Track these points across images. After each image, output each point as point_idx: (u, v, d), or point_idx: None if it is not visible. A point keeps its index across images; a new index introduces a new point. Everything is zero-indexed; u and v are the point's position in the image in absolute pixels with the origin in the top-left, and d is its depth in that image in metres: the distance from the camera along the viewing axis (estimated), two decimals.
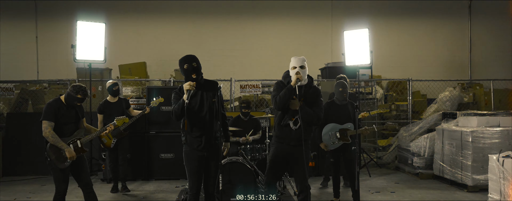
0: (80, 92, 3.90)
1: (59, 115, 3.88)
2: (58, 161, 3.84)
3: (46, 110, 3.87)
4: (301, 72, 3.65)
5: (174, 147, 6.64)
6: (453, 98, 7.90)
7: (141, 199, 5.50)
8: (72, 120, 3.99)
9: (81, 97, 3.92)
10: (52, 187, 6.02)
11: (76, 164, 3.95)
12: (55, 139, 3.81)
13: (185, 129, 3.56)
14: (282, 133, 3.77)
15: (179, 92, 3.61)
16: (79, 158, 3.97)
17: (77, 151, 3.91)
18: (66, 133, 3.92)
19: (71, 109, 3.99)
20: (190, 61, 3.54)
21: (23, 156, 7.08)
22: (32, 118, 7.31)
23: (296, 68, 3.67)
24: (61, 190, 3.94)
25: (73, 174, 4.01)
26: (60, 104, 3.93)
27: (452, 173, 6.03)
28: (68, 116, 3.95)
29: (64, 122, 3.92)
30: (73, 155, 3.83)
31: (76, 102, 3.94)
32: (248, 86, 7.79)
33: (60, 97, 4.00)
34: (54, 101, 3.96)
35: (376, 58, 10.44)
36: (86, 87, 4.03)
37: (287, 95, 3.61)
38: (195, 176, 3.58)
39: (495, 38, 11.74)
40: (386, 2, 11.60)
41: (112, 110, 5.65)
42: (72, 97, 3.90)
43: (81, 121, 4.11)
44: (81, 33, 6.52)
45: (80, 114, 4.09)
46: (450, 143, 6.12)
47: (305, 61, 3.71)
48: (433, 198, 5.41)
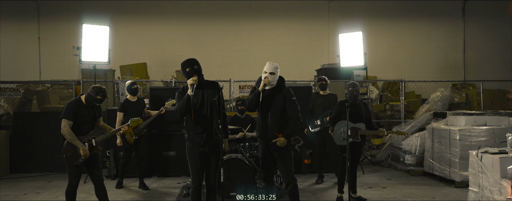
0: (100, 93, 4.24)
1: (78, 115, 4.19)
2: (73, 158, 4.17)
3: (66, 109, 4.19)
4: (270, 77, 4.07)
5: (176, 145, 7.00)
6: (444, 99, 8.27)
7: (144, 194, 5.84)
8: (90, 120, 4.32)
9: (101, 98, 4.26)
10: (59, 183, 6.44)
11: (90, 161, 4.28)
12: (72, 137, 4.13)
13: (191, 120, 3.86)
14: (261, 133, 4.22)
15: (182, 91, 3.95)
16: (93, 156, 4.30)
17: (91, 150, 4.24)
18: (83, 132, 4.24)
19: (90, 109, 4.31)
20: (191, 64, 3.89)
21: (29, 154, 7.42)
22: (38, 117, 7.66)
23: (266, 73, 4.10)
24: (73, 184, 4.28)
25: (87, 169, 4.34)
26: (80, 104, 4.25)
27: (441, 170, 6.41)
28: (86, 116, 4.27)
29: (82, 121, 4.23)
30: (87, 154, 4.15)
31: (95, 103, 4.27)
32: (246, 86, 8.14)
33: (80, 97, 4.32)
34: (75, 101, 4.29)
35: (372, 59, 10.85)
36: (105, 88, 4.36)
37: (255, 98, 4.11)
38: (197, 170, 3.91)
39: (488, 40, 12.12)
40: (382, 4, 11.96)
41: (133, 108, 5.93)
42: (92, 98, 4.23)
43: (98, 120, 4.43)
44: (86, 36, 6.83)
45: (97, 114, 4.42)
46: (439, 141, 6.49)
47: (277, 68, 4.14)
48: (422, 193, 5.77)
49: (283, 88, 4.22)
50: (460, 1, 12.07)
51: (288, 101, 4.16)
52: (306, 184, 6.35)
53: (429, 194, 5.69)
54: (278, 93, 4.18)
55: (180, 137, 6.95)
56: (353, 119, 5.10)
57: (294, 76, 10.26)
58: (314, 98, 6.48)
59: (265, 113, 4.18)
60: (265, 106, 4.17)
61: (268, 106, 4.17)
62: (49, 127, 7.47)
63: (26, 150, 7.42)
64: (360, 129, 5.09)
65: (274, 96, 4.16)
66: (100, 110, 4.48)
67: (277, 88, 4.19)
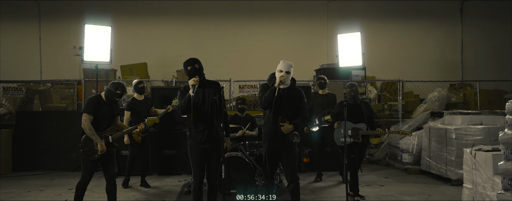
0: (119, 88, 4.39)
1: (97, 110, 4.35)
2: (89, 153, 4.31)
3: (87, 104, 4.36)
4: (285, 76, 4.08)
5: (177, 144, 7.13)
6: (441, 98, 8.41)
7: (146, 191, 5.96)
8: (108, 116, 4.46)
9: (120, 92, 4.40)
10: (61, 182, 6.57)
11: (106, 157, 4.40)
12: (91, 131, 4.27)
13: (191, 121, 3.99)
14: (269, 131, 4.23)
15: (184, 90, 4.08)
16: (109, 152, 4.43)
17: (108, 146, 4.38)
18: (101, 128, 4.38)
19: (109, 106, 4.46)
20: (193, 63, 4.02)
21: (32, 152, 7.54)
22: (41, 116, 7.79)
23: (282, 71, 4.09)
24: (86, 179, 4.39)
25: (101, 165, 4.46)
26: (100, 100, 4.41)
27: (437, 168, 6.54)
28: (105, 113, 4.42)
29: (100, 117, 4.38)
30: (104, 149, 4.28)
31: (115, 98, 4.42)
32: (246, 86, 8.27)
33: (100, 94, 4.48)
34: (95, 97, 4.44)
35: (371, 60, 11.00)
36: (124, 84, 4.51)
37: (271, 95, 4.07)
38: (198, 167, 4.04)
39: (486, 40, 12.27)
40: (380, 4, 12.10)
41: (140, 107, 6.03)
42: (112, 93, 4.38)
43: (115, 118, 4.56)
44: (89, 36, 6.96)
45: (115, 112, 4.56)
46: (436, 140, 6.63)
47: (291, 67, 4.15)
48: (418, 191, 5.91)
49: (296, 88, 4.29)
50: (458, 2, 12.22)
51: (303, 102, 4.25)
52: (305, 182, 6.48)
53: (426, 192, 5.82)
54: (292, 93, 4.21)
55: (181, 136, 7.09)
56: (354, 120, 5.16)
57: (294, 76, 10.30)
58: (313, 98, 6.61)
59: (277, 111, 4.16)
60: (279, 104, 4.15)
61: (281, 105, 4.15)
62: (51, 126, 7.60)
63: (28, 148, 7.54)
64: (361, 129, 5.14)
65: (288, 95, 4.18)
66: (118, 109, 4.64)
67: (291, 88, 4.22)
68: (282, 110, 4.14)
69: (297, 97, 4.23)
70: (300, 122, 4.20)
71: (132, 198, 5.59)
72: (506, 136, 3.13)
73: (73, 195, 4.46)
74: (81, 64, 11.40)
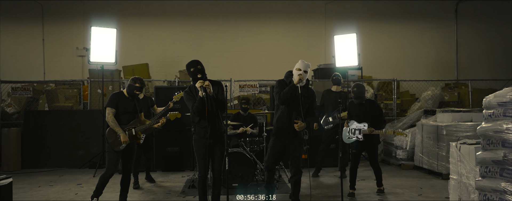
0: (138, 81, 4.85)
1: (119, 104, 4.76)
2: (115, 144, 4.70)
3: (110, 99, 4.77)
4: (303, 75, 4.48)
5: (179, 141, 7.49)
6: (434, 97, 8.81)
7: (151, 186, 6.32)
8: (130, 111, 4.85)
9: (139, 85, 4.85)
10: (70, 177, 6.95)
11: (128, 151, 4.80)
12: (114, 123, 4.68)
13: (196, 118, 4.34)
14: (282, 126, 4.60)
15: (189, 91, 4.43)
16: (131, 147, 4.83)
17: (132, 138, 4.77)
18: (123, 121, 4.78)
19: (130, 101, 4.86)
20: (195, 64, 4.37)
21: (40, 150, 7.91)
22: (48, 115, 8.15)
23: (301, 70, 4.48)
24: (110, 172, 4.76)
25: (123, 159, 4.84)
26: (121, 96, 4.84)
27: (429, 163, 6.93)
28: (127, 107, 4.82)
29: (122, 111, 4.79)
30: (127, 140, 4.67)
31: (135, 91, 4.84)
32: (246, 86, 8.64)
33: (122, 90, 4.93)
34: (117, 93, 4.88)
35: (368, 60, 11.40)
36: (142, 78, 4.94)
37: (290, 91, 4.45)
38: (203, 160, 4.40)
39: (480, 40, 12.68)
40: (377, 6, 12.49)
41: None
42: (132, 86, 4.83)
43: (139, 114, 4.95)
44: (95, 38, 7.31)
45: (138, 108, 4.95)
46: (428, 137, 7.02)
47: (309, 67, 4.53)
48: (410, 184, 6.30)
49: (310, 89, 4.68)
50: (452, 3, 12.62)
51: (314, 102, 4.67)
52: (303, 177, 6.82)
53: (417, 185, 6.21)
54: (307, 92, 4.59)
55: (183, 134, 7.46)
56: (359, 118, 5.44)
57: None
58: (326, 95, 6.95)
59: (292, 108, 4.52)
60: (295, 101, 4.49)
61: (296, 102, 4.48)
62: (58, 125, 7.96)
63: (36, 146, 7.90)
64: (362, 129, 5.37)
65: (303, 94, 4.52)
66: (141, 105, 5.05)
67: (306, 87, 4.61)
68: (297, 107, 4.50)
69: (311, 96, 4.62)
70: (311, 120, 4.59)
71: (138, 192, 5.95)
72: (483, 129, 3.50)
73: (82, 189, 4.82)
74: (84, 65, 11.84)
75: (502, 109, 3.31)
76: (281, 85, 4.63)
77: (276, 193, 5.14)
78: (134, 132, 4.79)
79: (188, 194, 5.70)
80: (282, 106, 4.58)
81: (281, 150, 4.65)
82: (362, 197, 5.55)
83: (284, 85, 4.59)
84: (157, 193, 5.86)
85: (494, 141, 3.36)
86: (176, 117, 5.40)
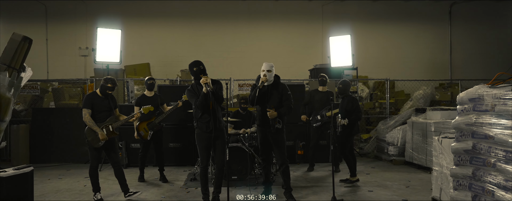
0: (110, 82, 5.27)
1: (94, 104, 5.21)
2: (94, 142, 5.15)
3: (85, 100, 5.22)
4: (267, 75, 4.97)
5: (181, 137, 7.95)
6: (426, 96, 9.30)
7: (155, 179, 6.77)
8: (105, 109, 5.29)
9: (111, 86, 5.26)
10: (77, 171, 7.40)
11: (108, 145, 5.27)
12: (92, 123, 5.13)
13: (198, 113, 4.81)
14: (260, 122, 5.14)
15: (192, 89, 4.90)
16: (111, 141, 5.29)
17: (109, 134, 5.22)
18: (100, 119, 5.23)
19: (104, 100, 5.29)
20: (198, 64, 4.83)
21: (47, 146, 8.36)
22: (55, 113, 8.60)
23: (264, 71, 5.00)
24: (94, 165, 5.27)
25: (106, 153, 5.33)
26: (95, 96, 5.28)
27: (419, 159, 7.41)
28: (102, 106, 5.26)
29: (98, 110, 5.23)
30: (105, 137, 5.13)
31: (107, 91, 5.27)
32: (245, 85, 9.11)
33: (96, 91, 5.35)
34: (91, 94, 5.32)
35: (364, 60, 11.90)
36: (115, 78, 5.37)
37: (255, 94, 4.96)
38: (205, 152, 4.88)
39: (473, 41, 13.20)
40: (373, 7, 12.98)
41: (147, 103, 6.50)
42: (104, 87, 5.26)
43: (114, 110, 5.40)
44: (101, 38, 7.78)
45: (113, 105, 5.39)
46: (418, 133, 7.49)
47: (272, 67, 5.04)
48: (400, 177, 6.77)
49: (279, 84, 5.16)
50: (446, 5, 13.12)
51: (285, 95, 5.10)
52: (298, 172, 7.31)
53: (406, 179, 6.68)
54: (275, 89, 5.10)
55: (185, 130, 7.92)
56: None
57: (290, 75, 11.23)
58: (313, 94, 7.42)
59: (264, 105, 5.07)
60: (265, 99, 5.05)
61: (267, 100, 5.05)
62: (64, 122, 8.42)
63: (44, 142, 8.35)
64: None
65: (272, 91, 5.07)
66: (115, 102, 5.47)
67: (274, 84, 5.11)
68: (267, 103, 5.03)
69: (281, 90, 5.08)
70: (284, 110, 5.04)
71: (143, 184, 6.40)
72: (456, 122, 3.98)
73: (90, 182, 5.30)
74: (86, 64, 12.31)
75: (472, 104, 3.79)
76: (252, 88, 5.18)
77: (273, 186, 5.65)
78: (111, 129, 5.23)
79: (190, 186, 6.16)
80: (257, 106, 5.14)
81: (267, 141, 5.17)
82: (354, 189, 6.01)
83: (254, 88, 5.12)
84: (161, 185, 6.31)
85: (465, 133, 3.84)
86: (149, 110, 5.74)
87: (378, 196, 5.53)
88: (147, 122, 6.42)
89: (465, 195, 3.79)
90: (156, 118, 6.42)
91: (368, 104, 10.90)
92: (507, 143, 3.25)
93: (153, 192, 5.88)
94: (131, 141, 7.78)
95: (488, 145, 3.50)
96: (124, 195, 5.42)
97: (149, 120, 6.41)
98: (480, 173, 3.58)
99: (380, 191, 5.86)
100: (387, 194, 5.67)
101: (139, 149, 7.50)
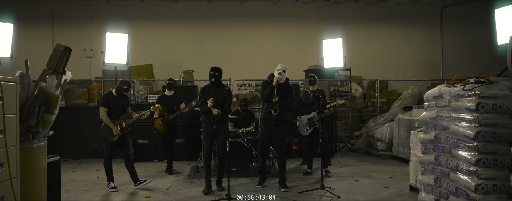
0: (125, 84, 6.08)
1: (110, 103, 6.00)
2: (109, 136, 5.94)
3: (102, 99, 6.03)
4: (282, 73, 5.75)
5: (185, 134, 8.73)
6: (414, 95, 10.08)
7: (161, 171, 7.55)
8: (119, 107, 6.09)
9: (126, 87, 6.07)
10: (88, 165, 8.20)
11: (121, 139, 6.06)
12: (107, 120, 5.92)
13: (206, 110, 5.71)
14: (267, 117, 5.90)
15: (204, 90, 5.85)
16: (124, 136, 6.08)
17: (122, 130, 6.01)
18: (115, 117, 6.02)
19: (119, 99, 6.09)
20: (214, 70, 5.85)
21: (58, 142, 9.09)
22: (65, 111, 9.35)
23: (280, 70, 5.76)
24: (109, 157, 6.06)
25: (119, 147, 6.12)
26: (111, 96, 6.07)
27: (404, 153, 8.19)
28: (116, 104, 6.06)
29: (113, 108, 6.03)
30: (118, 133, 5.92)
31: (123, 92, 6.08)
32: (244, 85, 9.87)
33: (111, 90, 6.14)
34: (107, 94, 6.11)
35: (358, 60, 12.68)
36: (129, 81, 6.18)
37: (270, 91, 5.76)
38: (208, 139, 5.81)
39: (464, 42, 14.00)
40: (367, 10, 13.76)
41: (165, 102, 7.34)
42: (120, 88, 6.05)
43: (126, 108, 6.20)
44: (109, 42, 8.54)
45: (126, 104, 6.19)
46: (403, 129, 8.27)
47: (286, 68, 5.81)
48: (385, 169, 7.55)
49: (288, 85, 5.95)
50: (438, 8, 13.91)
51: (291, 94, 5.90)
52: (293, 165, 8.09)
53: (391, 170, 7.47)
54: (285, 89, 5.86)
55: (189, 127, 8.70)
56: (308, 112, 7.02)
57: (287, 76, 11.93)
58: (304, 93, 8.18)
59: (272, 102, 5.79)
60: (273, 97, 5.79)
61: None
62: (74, 120, 9.18)
63: (55, 139, 9.01)
64: (313, 117, 6.93)
65: (282, 90, 5.82)
66: (128, 101, 6.27)
67: (284, 84, 5.88)
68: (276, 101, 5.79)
69: (288, 90, 5.89)
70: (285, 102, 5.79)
71: (150, 176, 7.17)
72: (423, 117, 4.76)
73: (102, 174, 6.11)
74: (91, 65, 13.09)
75: (435, 101, 4.57)
76: (264, 85, 5.92)
77: (269, 177, 6.44)
78: (124, 125, 6.01)
79: (194, 177, 6.95)
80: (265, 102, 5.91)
81: (268, 137, 5.91)
82: (341, 178, 6.79)
83: (267, 85, 5.86)
84: (167, 177, 7.09)
85: (430, 125, 4.62)
86: (158, 109, 6.72)
87: (363, 185, 6.31)
88: (162, 118, 7.18)
89: (429, 178, 4.57)
90: (171, 115, 7.18)
91: (362, 103, 11.70)
92: (458, 133, 4.03)
93: (160, 181, 6.66)
94: (138, 137, 8.56)
95: (446, 135, 4.28)
96: (134, 184, 6.20)
97: (164, 116, 7.17)
98: (441, 158, 4.36)
99: (366, 180, 6.64)
100: (372, 183, 6.46)
101: (145, 144, 8.36)
